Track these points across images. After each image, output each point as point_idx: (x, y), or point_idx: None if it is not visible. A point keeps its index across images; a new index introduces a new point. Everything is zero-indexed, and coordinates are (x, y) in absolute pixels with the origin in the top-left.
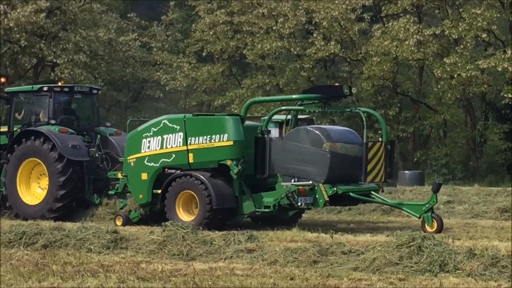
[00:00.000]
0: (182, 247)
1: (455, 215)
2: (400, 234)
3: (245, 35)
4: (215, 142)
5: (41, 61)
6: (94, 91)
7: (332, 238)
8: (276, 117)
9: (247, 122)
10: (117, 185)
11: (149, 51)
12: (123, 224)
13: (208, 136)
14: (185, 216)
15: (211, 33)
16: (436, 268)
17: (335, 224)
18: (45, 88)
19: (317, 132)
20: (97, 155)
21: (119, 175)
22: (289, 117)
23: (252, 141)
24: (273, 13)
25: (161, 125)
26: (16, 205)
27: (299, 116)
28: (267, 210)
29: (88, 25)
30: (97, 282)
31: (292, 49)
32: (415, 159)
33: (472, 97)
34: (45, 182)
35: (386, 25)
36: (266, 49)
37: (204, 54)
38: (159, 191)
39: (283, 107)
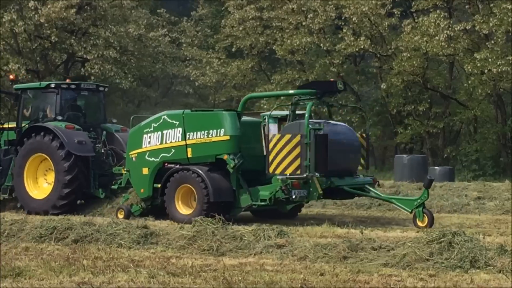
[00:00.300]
0: (212, 242)
1: (485, 211)
2: (430, 230)
3: (274, 31)
4: (212, 137)
5: (72, 57)
6: (101, 89)
7: (362, 234)
8: (275, 112)
9: (245, 118)
10: (120, 180)
11: (179, 47)
12: (125, 217)
13: (206, 131)
14: (184, 210)
15: (240, 28)
16: (466, 264)
17: (364, 220)
18: (52, 85)
19: (309, 126)
20: (102, 151)
21: (123, 170)
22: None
23: (250, 136)
24: (302, 8)
25: (161, 120)
26: (22, 198)
27: (297, 112)
28: (263, 203)
29: (118, 20)
30: (127, 277)
31: (321, 44)
32: (445, 155)
33: (503, 93)
34: (51, 177)
35: (416, 21)
36: (295, 44)
37: (233, 49)
38: (160, 185)
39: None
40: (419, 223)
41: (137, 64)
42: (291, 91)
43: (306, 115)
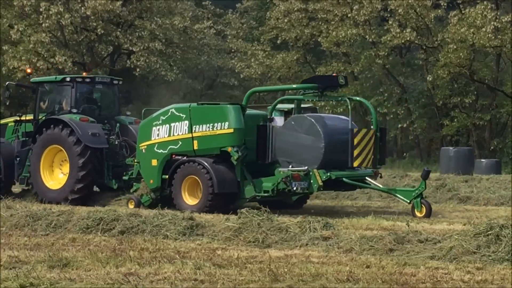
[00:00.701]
0: (257, 234)
1: None
2: (477, 222)
3: (320, 23)
4: (217, 129)
5: (117, 49)
6: (115, 82)
7: (408, 226)
8: (281, 106)
9: (250, 111)
10: (131, 171)
11: (224, 39)
12: (135, 207)
13: (211, 124)
14: (190, 200)
15: (285, 20)
16: None
17: (410, 212)
18: (68, 79)
19: (312, 119)
20: (116, 143)
21: (134, 162)
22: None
23: (251, 128)
24: (348, 0)
25: (169, 113)
26: (39, 189)
27: (303, 105)
28: (266, 194)
29: (163, 13)
30: (173, 268)
31: (367, 36)
32: (492, 148)
33: None
34: (66, 168)
35: (462, 12)
36: (341, 36)
37: (278, 41)
38: (168, 176)
39: (286, 97)
40: (417, 213)
41: (182, 56)
42: (294, 85)
43: (372, 111)
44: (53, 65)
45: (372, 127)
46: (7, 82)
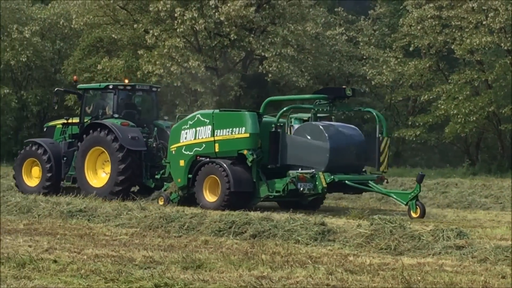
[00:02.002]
0: (389, 241)
1: None
2: None
3: (453, 30)
4: (235, 134)
5: (250, 55)
6: (154, 89)
7: None
8: (300, 115)
9: (267, 118)
10: (163, 170)
11: (356, 46)
12: (164, 204)
13: (230, 129)
14: (210, 198)
15: (418, 27)
16: None
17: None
18: (111, 86)
19: (320, 127)
20: (154, 145)
21: (165, 162)
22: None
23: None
24: (483, 7)
25: (195, 119)
26: (83, 186)
27: (319, 114)
28: (277, 194)
29: (296, 19)
30: (305, 273)
31: (502, 44)
32: None
33: None
34: (108, 168)
35: None
36: (475, 44)
37: (411, 48)
38: (192, 175)
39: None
40: (413, 214)
41: (314, 63)
42: (306, 96)
43: (383, 120)
44: (186, 69)
45: (382, 135)
46: (56, 88)
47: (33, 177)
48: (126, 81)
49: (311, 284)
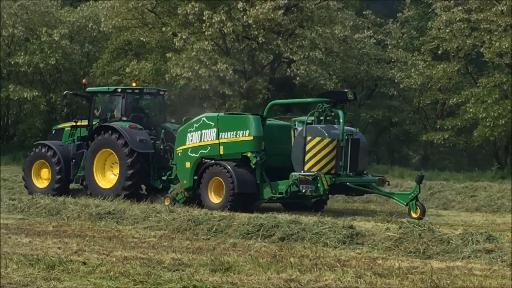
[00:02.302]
0: (418, 245)
1: None
2: None
3: (482, 33)
4: (239, 137)
5: (278, 58)
6: (161, 93)
7: None
8: (304, 118)
9: (274, 121)
10: (169, 172)
11: (384, 49)
12: (170, 204)
13: (235, 132)
14: (215, 199)
15: (447, 30)
16: None
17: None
18: (119, 90)
19: (321, 129)
20: (161, 147)
21: (171, 164)
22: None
23: (274, 137)
24: None
25: (201, 121)
26: (92, 187)
27: (321, 118)
28: (280, 195)
29: (324, 22)
30: (334, 276)
31: None
32: None
33: None
34: (117, 170)
35: None
36: (504, 47)
37: (439, 52)
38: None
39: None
40: (413, 214)
41: (342, 66)
42: (309, 99)
43: (341, 121)
44: (214, 72)
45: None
46: (65, 92)
47: (42, 178)
48: (134, 84)
49: (339, 287)
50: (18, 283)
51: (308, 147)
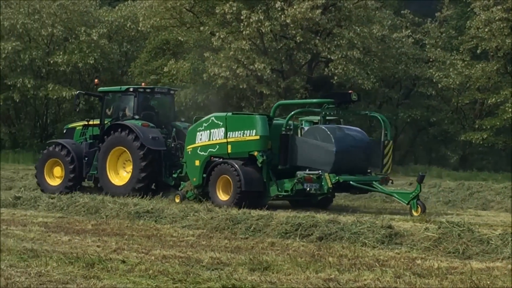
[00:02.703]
0: (457, 245)
1: None
2: None
3: None
4: (246, 136)
5: (316, 57)
6: (172, 92)
7: None
8: (311, 117)
9: (278, 120)
10: (180, 170)
11: (422, 48)
12: (180, 201)
13: (242, 131)
14: (223, 196)
15: (486, 30)
16: None
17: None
18: (131, 89)
19: (326, 130)
20: (172, 145)
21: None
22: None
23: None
24: None
25: (210, 121)
26: (105, 184)
27: (328, 118)
28: (286, 193)
29: (362, 21)
30: (373, 276)
31: None
32: None
33: None
34: (129, 167)
35: None
36: None
37: (478, 51)
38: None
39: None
40: (414, 213)
41: (379, 65)
42: (314, 100)
43: (388, 124)
44: (252, 72)
45: (387, 138)
46: (78, 91)
47: (54, 176)
48: (143, 84)
49: (378, 287)
50: (58, 281)
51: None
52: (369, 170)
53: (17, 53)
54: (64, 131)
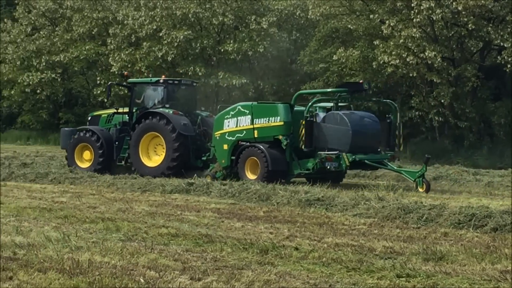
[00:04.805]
0: None
1: None
2: None
3: None
4: (271, 122)
5: (488, 45)
6: (195, 84)
7: None
8: (324, 104)
9: (298, 108)
10: (209, 153)
11: None
12: (212, 181)
13: (267, 118)
14: (251, 175)
15: None
16: None
17: None
18: (161, 81)
19: (343, 115)
20: (197, 131)
21: (211, 146)
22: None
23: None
24: None
25: (237, 110)
26: (138, 166)
27: (340, 104)
28: (307, 172)
29: None
30: None
31: None
32: None
33: None
34: (160, 150)
35: None
36: None
37: None
38: (235, 157)
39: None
40: (420, 189)
41: None
42: (329, 90)
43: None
44: (422, 60)
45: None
46: (109, 82)
47: (84, 159)
48: (164, 76)
49: None
50: (233, 266)
51: None
52: (379, 149)
53: (188, 41)
54: (89, 118)
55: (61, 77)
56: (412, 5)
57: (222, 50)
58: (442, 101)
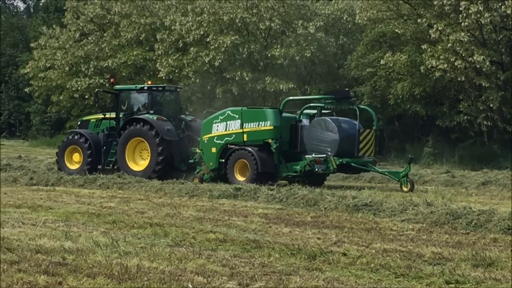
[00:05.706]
0: None
1: None
2: None
3: None
4: (261, 126)
5: None
6: (178, 89)
7: None
8: (307, 111)
9: (286, 114)
10: (195, 156)
11: None
12: (200, 183)
13: (257, 122)
14: (240, 177)
15: None
16: None
17: None
18: (146, 87)
19: (330, 121)
20: (182, 136)
21: (197, 150)
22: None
23: (289, 127)
24: None
25: (226, 114)
26: (125, 170)
27: (323, 111)
28: (295, 174)
29: None
30: None
31: None
32: None
33: None
34: (146, 155)
35: None
36: None
37: None
38: (224, 160)
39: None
40: (404, 188)
41: None
42: (317, 96)
43: (374, 116)
44: (470, 64)
45: (374, 127)
46: (96, 90)
47: (73, 161)
48: (149, 82)
49: None
50: (281, 272)
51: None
52: (365, 155)
53: (235, 46)
54: (79, 123)
55: (109, 82)
56: (460, 9)
57: (269, 55)
58: (491, 105)
